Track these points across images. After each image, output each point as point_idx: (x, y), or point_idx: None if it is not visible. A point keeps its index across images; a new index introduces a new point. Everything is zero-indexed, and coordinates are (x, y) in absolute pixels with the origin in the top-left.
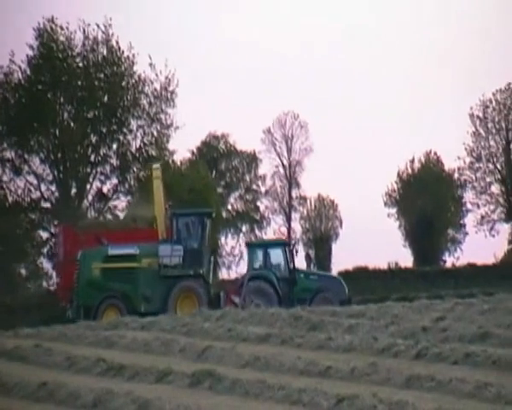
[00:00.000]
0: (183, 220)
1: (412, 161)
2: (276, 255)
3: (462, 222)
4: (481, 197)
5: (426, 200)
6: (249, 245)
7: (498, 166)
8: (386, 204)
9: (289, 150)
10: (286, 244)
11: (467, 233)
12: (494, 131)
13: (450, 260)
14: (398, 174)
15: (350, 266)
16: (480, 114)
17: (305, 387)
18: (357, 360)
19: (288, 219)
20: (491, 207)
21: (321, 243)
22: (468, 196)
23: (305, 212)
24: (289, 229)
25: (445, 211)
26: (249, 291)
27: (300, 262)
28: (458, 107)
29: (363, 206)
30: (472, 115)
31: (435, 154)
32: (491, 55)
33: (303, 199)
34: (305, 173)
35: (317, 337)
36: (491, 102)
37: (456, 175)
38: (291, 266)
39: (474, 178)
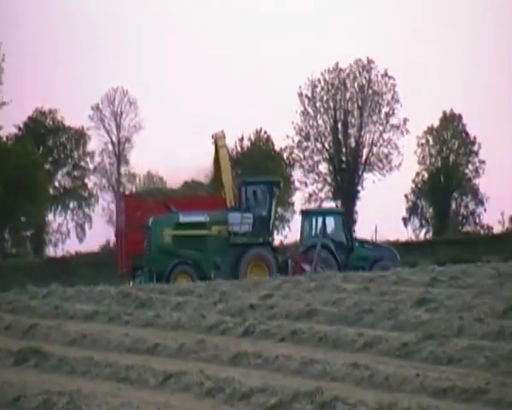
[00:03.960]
0: (252, 189)
1: (242, 139)
2: (334, 224)
3: (290, 200)
4: (309, 176)
5: None
6: (306, 213)
7: (326, 146)
8: None
9: (118, 127)
10: (342, 213)
11: (295, 211)
12: (322, 110)
13: (278, 238)
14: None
15: None
16: (309, 94)
17: (133, 364)
18: (185, 338)
19: (117, 196)
20: (319, 185)
21: None
22: (297, 174)
23: (134, 189)
24: (118, 206)
25: None
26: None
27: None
28: (287, 85)
29: None
30: (301, 94)
31: (265, 132)
32: (320, 35)
33: (132, 176)
34: (134, 150)
35: (145, 315)
36: (319, 81)
37: (285, 154)
38: (348, 234)
39: (302, 156)
